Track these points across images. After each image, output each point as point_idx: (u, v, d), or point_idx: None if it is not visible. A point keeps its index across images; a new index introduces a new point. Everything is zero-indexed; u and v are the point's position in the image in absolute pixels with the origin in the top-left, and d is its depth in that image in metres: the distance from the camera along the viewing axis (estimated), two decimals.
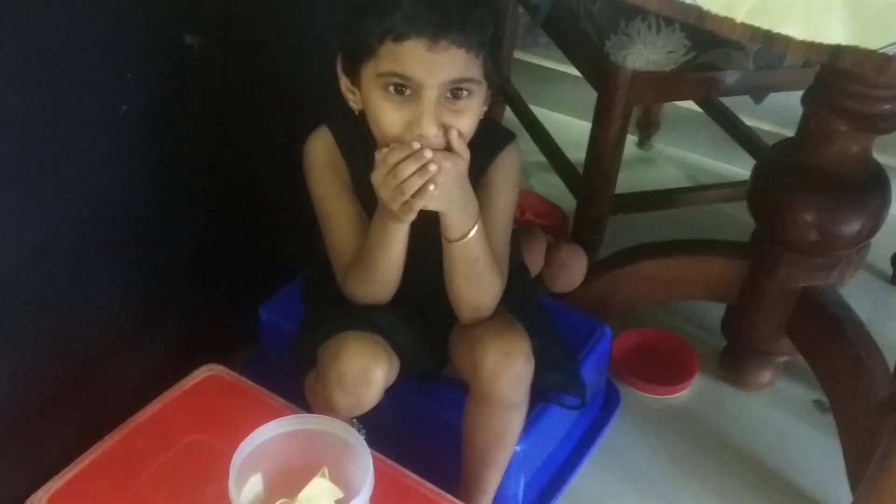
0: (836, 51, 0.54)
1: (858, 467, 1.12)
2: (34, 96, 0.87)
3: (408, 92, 0.87)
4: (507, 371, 0.96)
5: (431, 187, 0.87)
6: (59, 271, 0.98)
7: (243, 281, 1.25)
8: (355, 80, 0.92)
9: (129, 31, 0.94)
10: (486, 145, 1.00)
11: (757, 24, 0.54)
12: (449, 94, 0.88)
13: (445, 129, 0.88)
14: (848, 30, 0.52)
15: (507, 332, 0.98)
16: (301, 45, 1.20)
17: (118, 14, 0.92)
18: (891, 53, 0.53)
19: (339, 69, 0.94)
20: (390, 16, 0.85)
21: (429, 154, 0.86)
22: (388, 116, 0.89)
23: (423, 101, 0.87)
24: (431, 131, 0.87)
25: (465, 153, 0.90)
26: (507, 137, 1.03)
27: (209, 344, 1.20)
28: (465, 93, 0.88)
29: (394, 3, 0.85)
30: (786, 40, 0.54)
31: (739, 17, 0.54)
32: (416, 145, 0.87)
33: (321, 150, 1.01)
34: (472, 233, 0.94)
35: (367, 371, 0.94)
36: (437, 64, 0.85)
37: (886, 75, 0.55)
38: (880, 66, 0.54)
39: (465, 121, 0.90)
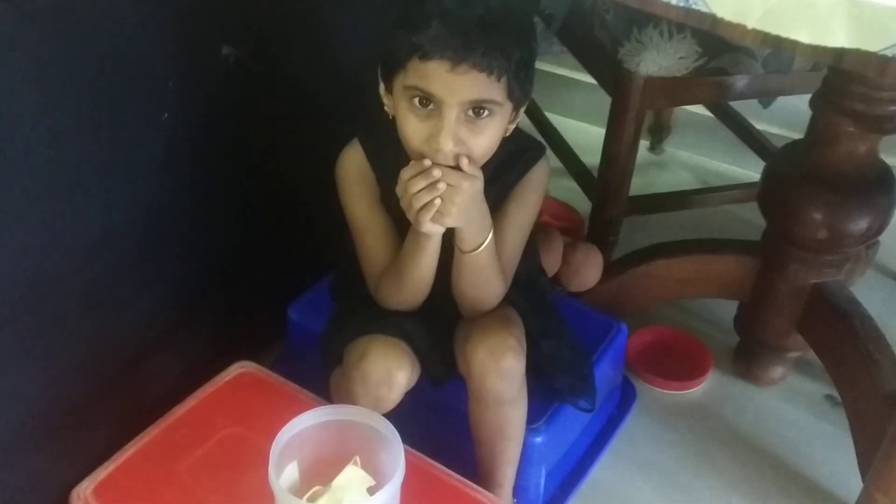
0: (840, 53, 0.59)
1: (868, 457, 1.14)
2: (86, 105, 0.91)
3: (431, 106, 0.91)
4: (494, 368, 0.98)
5: (438, 202, 0.91)
6: (105, 273, 1.01)
7: (273, 281, 1.28)
8: (389, 86, 0.96)
9: (172, 42, 0.98)
10: (519, 159, 1.04)
11: (767, 29, 0.59)
12: (470, 112, 0.91)
13: (457, 154, 0.91)
14: (850, 34, 0.57)
15: (495, 329, 1.00)
16: (333, 58, 1.23)
17: (162, 27, 0.96)
18: (890, 55, 0.57)
19: (379, 73, 0.98)
20: (419, 34, 0.88)
21: (437, 173, 0.90)
22: (411, 127, 0.93)
23: (443, 118, 0.90)
24: (447, 147, 0.90)
25: (479, 174, 0.93)
26: (539, 152, 1.07)
27: (241, 342, 1.22)
28: (485, 112, 0.91)
29: (424, 23, 0.88)
30: (793, 44, 0.59)
31: (751, 24, 0.59)
32: (427, 163, 0.91)
33: (352, 164, 1.04)
34: (483, 246, 0.98)
35: (390, 374, 0.98)
36: (457, 85, 0.88)
37: (886, 76, 0.60)
38: (881, 68, 0.59)
39: (483, 139, 0.93)
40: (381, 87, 0.98)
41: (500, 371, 0.99)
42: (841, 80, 1.16)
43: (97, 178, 0.95)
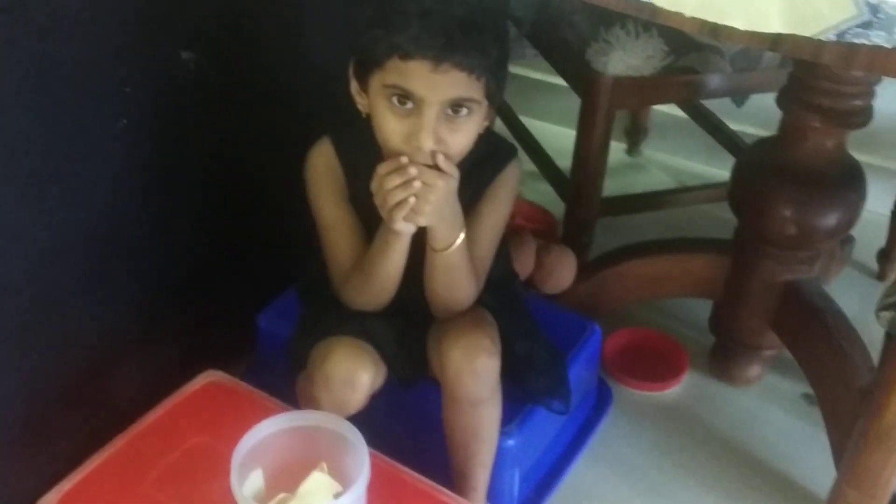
0: (776, 39, 0.59)
1: (842, 451, 1.14)
2: (38, 110, 0.90)
3: (409, 105, 0.91)
4: (468, 368, 0.99)
5: (412, 200, 0.91)
6: (65, 280, 1.00)
7: (242, 290, 1.27)
8: (364, 85, 0.96)
9: (129, 47, 0.97)
10: (491, 160, 1.04)
11: (704, 17, 0.59)
12: (449, 111, 0.92)
13: (434, 151, 0.92)
14: (785, 19, 0.57)
15: (469, 330, 1.01)
16: (297, 60, 1.23)
17: (118, 31, 0.95)
18: (824, 39, 0.58)
19: (350, 72, 0.98)
20: (399, 34, 0.88)
21: (413, 171, 0.91)
22: (390, 126, 0.93)
23: (423, 117, 0.90)
24: (428, 145, 0.91)
25: (455, 172, 0.94)
26: (511, 153, 1.07)
27: (210, 352, 1.22)
28: (464, 110, 0.92)
29: (403, 23, 0.88)
30: (730, 31, 0.59)
31: (688, 12, 0.59)
32: (404, 160, 0.91)
33: (321, 161, 1.04)
34: (455, 245, 0.99)
35: (352, 375, 0.98)
36: (438, 84, 0.89)
37: (821, 59, 0.60)
38: (815, 52, 0.59)
39: (462, 137, 0.93)
40: (354, 85, 0.98)
41: (475, 371, 0.99)
42: (806, 75, 1.17)
43: (51, 186, 0.95)
